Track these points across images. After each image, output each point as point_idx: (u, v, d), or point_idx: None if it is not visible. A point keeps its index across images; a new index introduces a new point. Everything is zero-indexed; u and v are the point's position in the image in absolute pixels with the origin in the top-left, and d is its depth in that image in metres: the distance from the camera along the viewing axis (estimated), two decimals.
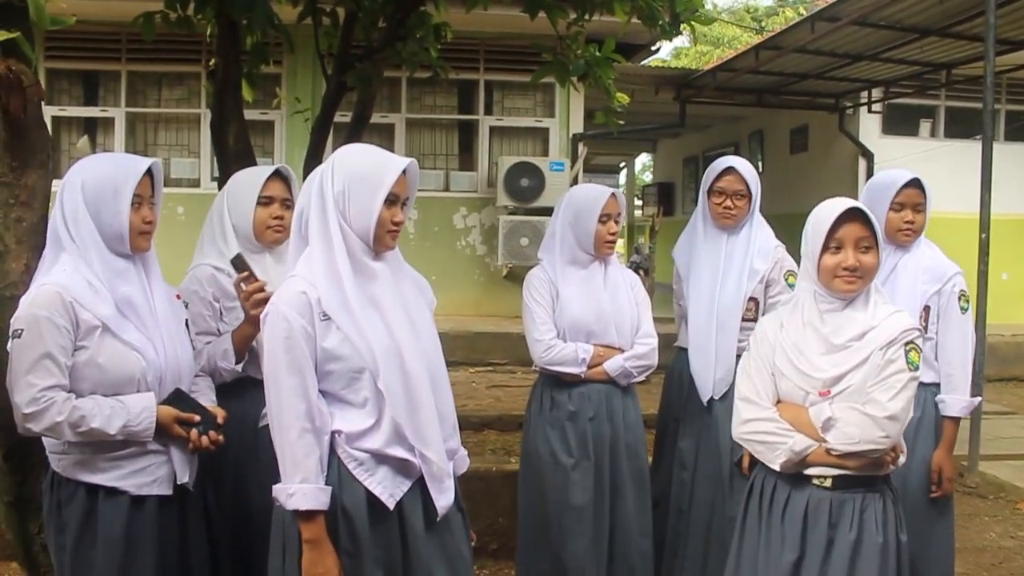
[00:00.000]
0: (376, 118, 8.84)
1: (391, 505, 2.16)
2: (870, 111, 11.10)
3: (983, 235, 5.81)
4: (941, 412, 3.23)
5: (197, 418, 2.41)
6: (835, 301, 2.45)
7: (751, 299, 3.47)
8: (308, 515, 2.06)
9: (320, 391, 2.13)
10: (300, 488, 2.06)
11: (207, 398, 2.57)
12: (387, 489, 2.17)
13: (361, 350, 2.12)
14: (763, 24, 24.78)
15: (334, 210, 2.16)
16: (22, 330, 2.21)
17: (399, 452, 2.17)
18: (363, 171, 2.18)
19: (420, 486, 2.21)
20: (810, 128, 12.37)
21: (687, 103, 10.85)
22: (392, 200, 2.19)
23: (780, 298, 3.43)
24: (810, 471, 2.42)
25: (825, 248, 2.42)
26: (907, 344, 2.37)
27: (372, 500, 2.15)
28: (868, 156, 10.99)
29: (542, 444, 3.35)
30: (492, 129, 10.11)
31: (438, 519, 2.23)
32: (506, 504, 3.27)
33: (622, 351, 3.35)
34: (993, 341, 10.06)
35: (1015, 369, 9.91)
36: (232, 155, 4.22)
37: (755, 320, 3.31)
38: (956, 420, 3.25)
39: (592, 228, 3.31)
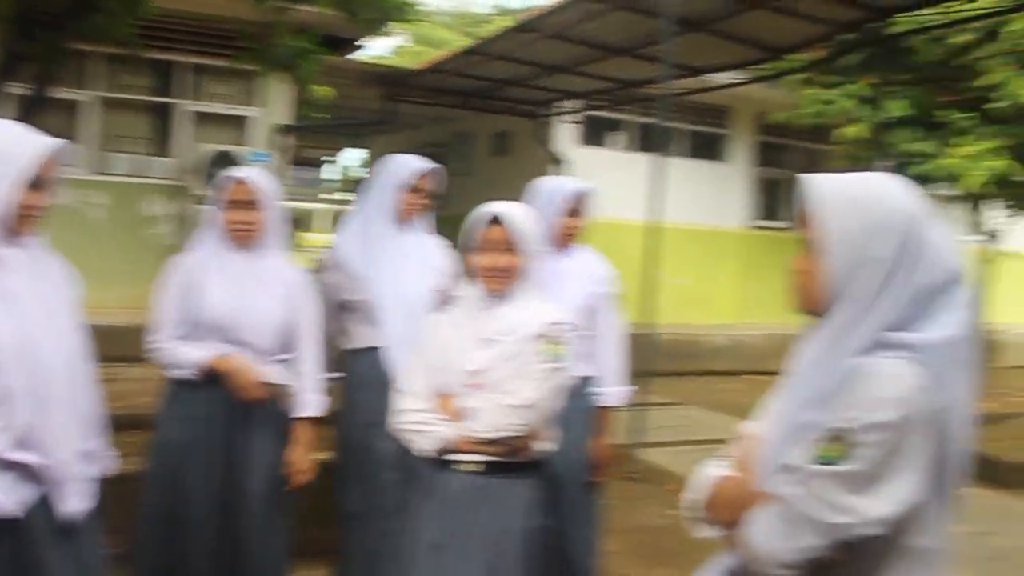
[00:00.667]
0: (64, 94, 8.21)
1: (18, 513, 2.00)
2: (564, 121, 11.74)
3: (651, 242, 6.31)
4: (598, 404, 3.49)
5: None
6: (490, 298, 2.64)
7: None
8: None
9: None
10: None
11: None
12: (11, 496, 1.99)
13: None
14: (472, 32, 25.44)
15: None
16: None
17: (25, 456, 2.01)
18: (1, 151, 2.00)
19: (51, 492, 2.07)
20: (512, 134, 12.88)
21: (397, 101, 10.93)
22: (34, 184, 2.03)
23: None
24: (459, 457, 2.57)
25: (474, 249, 2.64)
26: (550, 336, 2.56)
27: None
28: (563, 164, 11.60)
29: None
30: (191, 114, 9.66)
31: (70, 526, 2.09)
32: None
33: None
34: (668, 339, 10.96)
35: (687, 364, 10.83)
36: None
37: None
38: (610, 410, 3.54)
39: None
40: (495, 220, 2.61)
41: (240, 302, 3.07)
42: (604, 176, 11.53)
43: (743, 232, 12.94)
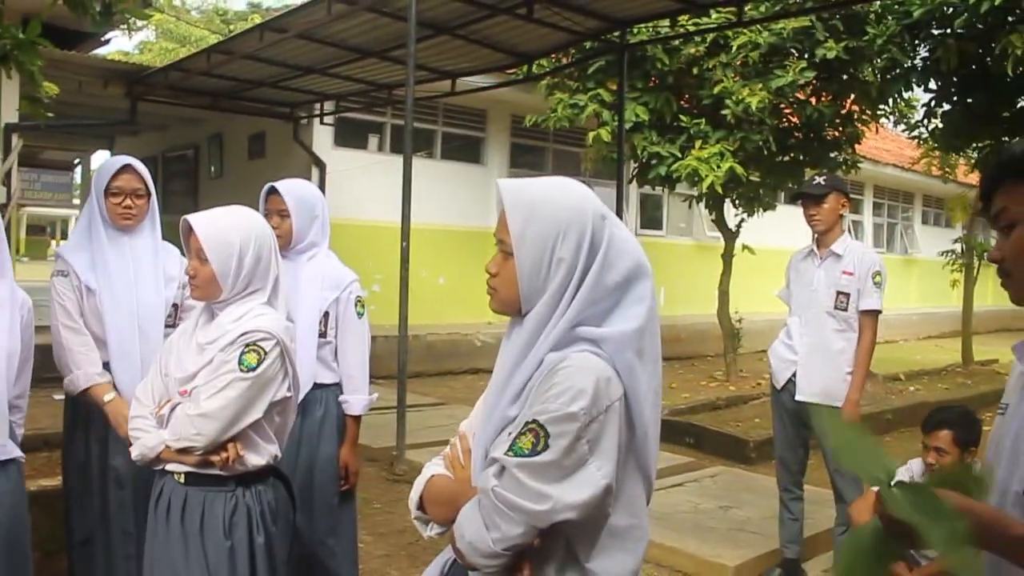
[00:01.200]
0: None
1: None
2: (322, 123, 11.59)
3: (404, 243, 6.35)
4: (345, 411, 3.47)
5: None
6: (211, 305, 2.59)
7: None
8: None
9: None
10: None
11: None
12: None
13: None
14: (232, 28, 24.64)
15: None
16: None
17: None
18: None
19: None
20: (267, 135, 12.56)
21: (139, 100, 10.38)
22: None
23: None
24: (170, 467, 2.53)
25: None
26: (247, 345, 2.47)
27: None
28: (321, 166, 11.46)
29: None
30: None
31: None
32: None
33: None
34: (431, 339, 11.10)
35: (449, 364, 10.99)
36: None
37: None
38: (357, 418, 3.51)
39: None
40: (190, 228, 2.56)
41: None
42: (361, 179, 11.56)
43: None
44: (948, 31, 9.48)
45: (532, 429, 1.61)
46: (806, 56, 9.83)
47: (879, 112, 11.30)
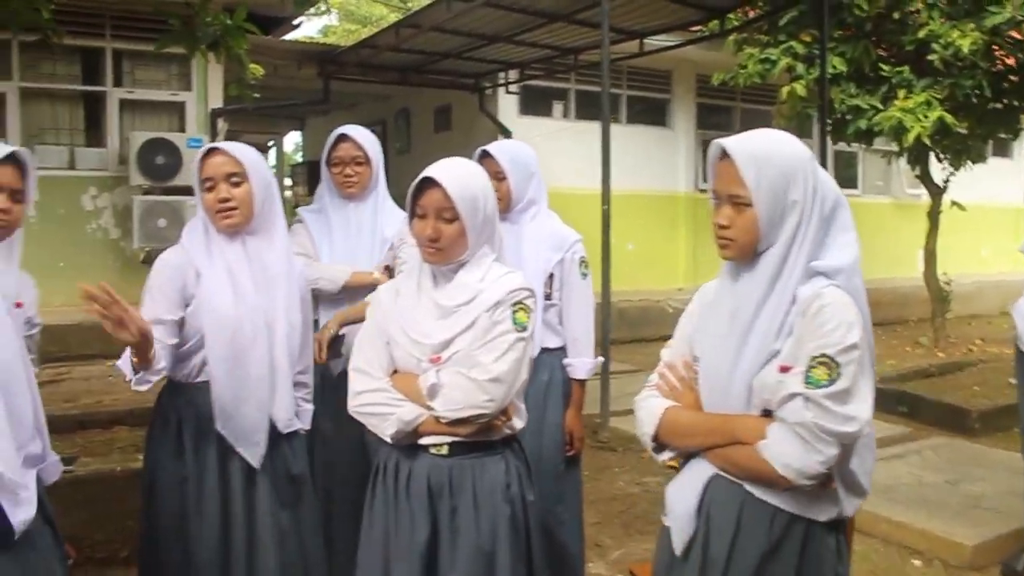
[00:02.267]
0: None
1: None
2: (507, 92, 11.60)
3: (605, 207, 6.23)
4: (568, 375, 3.39)
5: None
6: (443, 267, 2.38)
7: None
8: None
9: None
10: None
11: None
12: None
13: None
14: (411, 6, 25.12)
15: None
16: None
17: None
18: None
19: None
20: (453, 107, 12.70)
21: (331, 79, 10.70)
22: None
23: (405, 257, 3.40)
24: (425, 440, 2.35)
25: (412, 214, 2.38)
26: (514, 304, 2.33)
27: None
28: (507, 135, 11.48)
29: None
30: (123, 102, 9.37)
31: (16, 537, 1.92)
32: (135, 505, 2.98)
33: None
34: (623, 306, 10.96)
35: (642, 331, 10.82)
36: None
37: None
38: (583, 382, 3.44)
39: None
40: (429, 183, 2.33)
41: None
42: (547, 145, 11.48)
43: (689, 196, 12.93)
44: None
45: (823, 362, 1.86)
46: None
47: None
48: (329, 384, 3.27)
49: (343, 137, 3.44)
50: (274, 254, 2.79)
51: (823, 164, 6.58)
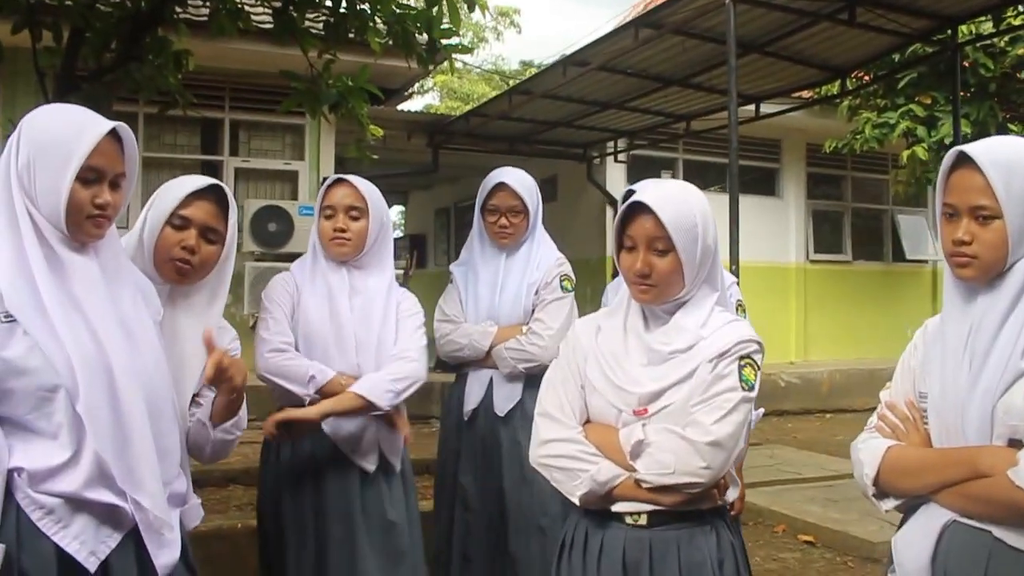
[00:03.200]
0: None
1: (92, 567, 1.68)
2: (616, 160, 11.51)
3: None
4: None
5: None
6: (656, 307, 2.06)
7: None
8: None
9: None
10: None
11: None
12: (87, 545, 1.68)
13: (56, 362, 1.66)
14: (510, 82, 25.57)
15: (18, 187, 1.72)
16: None
17: (104, 496, 1.70)
18: (53, 137, 1.74)
19: (134, 541, 1.74)
20: (559, 177, 12.65)
21: (439, 149, 10.77)
22: (91, 177, 1.76)
23: (548, 298, 3.28)
24: (620, 507, 1.99)
25: (620, 245, 2.06)
26: (742, 358, 1.98)
27: (65, 559, 1.66)
28: (615, 204, 11.35)
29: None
30: (238, 171, 9.56)
31: None
32: (255, 565, 2.88)
33: None
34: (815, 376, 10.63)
35: (758, 404, 10.40)
36: None
37: None
38: None
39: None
40: (639, 208, 2.00)
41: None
42: None
43: (800, 267, 12.56)
44: None
45: None
46: None
47: None
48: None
49: (501, 185, 3.32)
50: (378, 287, 2.89)
51: None
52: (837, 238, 13.09)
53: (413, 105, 12.36)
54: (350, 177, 2.91)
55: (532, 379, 3.07)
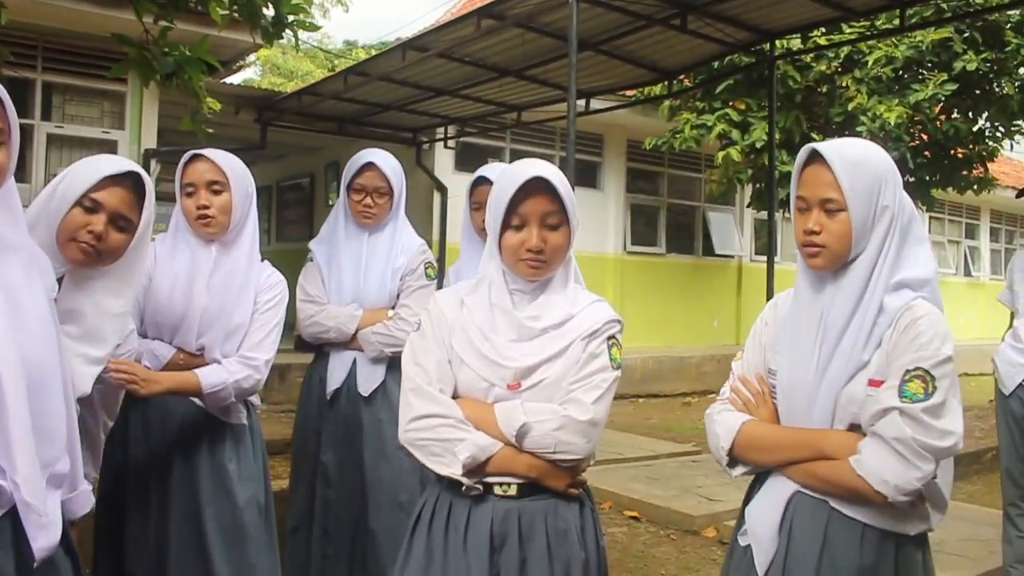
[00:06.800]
0: None
1: None
2: (445, 147, 11.61)
3: None
4: None
5: None
6: (527, 283, 2.13)
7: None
8: None
9: None
10: None
11: None
12: None
13: None
14: (336, 64, 25.10)
15: None
16: None
17: None
18: None
19: (11, 521, 1.65)
20: None
21: (268, 126, 10.52)
22: None
23: (413, 285, 3.37)
24: (491, 479, 2.04)
25: (507, 225, 2.09)
26: (610, 338, 2.10)
27: None
28: (443, 190, 11.46)
29: None
30: (50, 137, 9.01)
31: (35, 564, 1.68)
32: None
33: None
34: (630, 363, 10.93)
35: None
36: None
37: None
38: None
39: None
40: (538, 184, 2.06)
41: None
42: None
43: (618, 257, 13.08)
44: None
45: (919, 375, 1.83)
46: (944, 70, 9.52)
47: (1013, 128, 10.85)
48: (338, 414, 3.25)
49: (369, 165, 3.36)
50: (237, 262, 2.87)
51: (771, 228, 6.72)
52: (652, 231, 13.72)
53: (234, 79, 11.96)
54: (207, 151, 2.89)
55: (395, 360, 3.14)
